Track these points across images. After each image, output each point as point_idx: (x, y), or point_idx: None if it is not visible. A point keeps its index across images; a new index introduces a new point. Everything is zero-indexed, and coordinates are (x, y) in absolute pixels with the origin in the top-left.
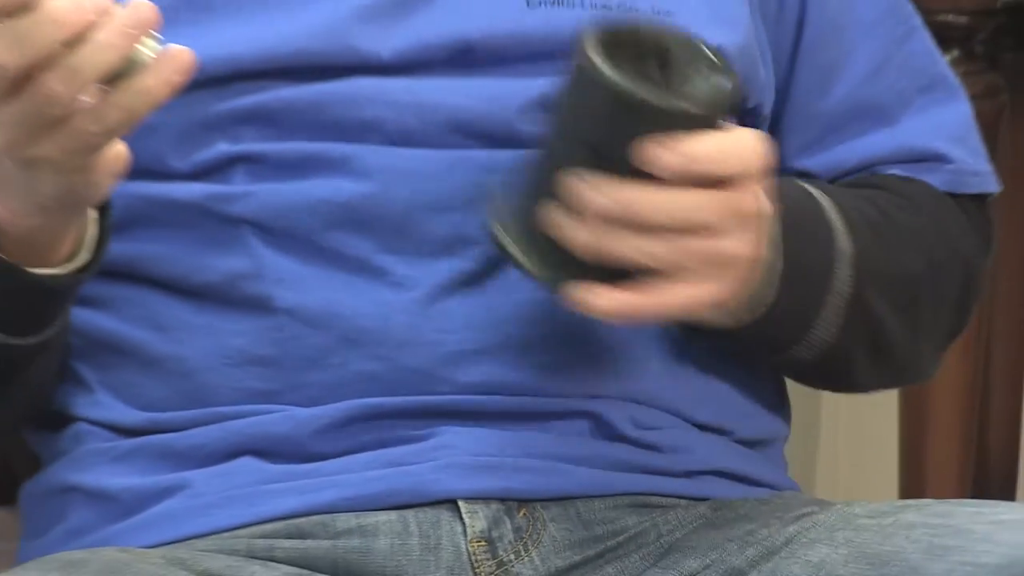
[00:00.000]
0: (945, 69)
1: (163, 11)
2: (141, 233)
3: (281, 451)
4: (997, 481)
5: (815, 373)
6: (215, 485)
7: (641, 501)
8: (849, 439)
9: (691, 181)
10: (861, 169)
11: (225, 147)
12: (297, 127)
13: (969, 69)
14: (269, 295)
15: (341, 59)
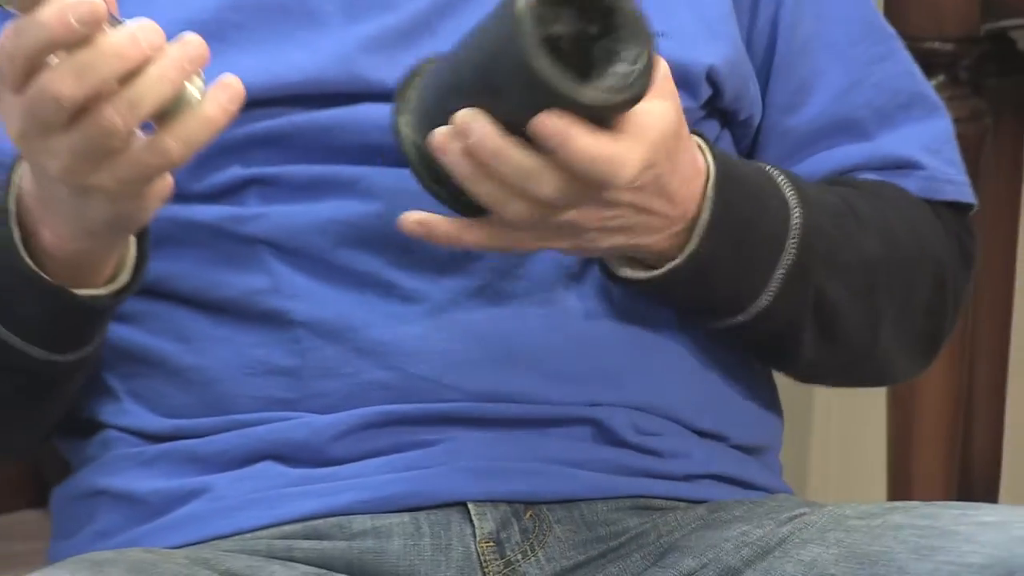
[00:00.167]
0: (926, 89)
1: None
2: (165, 252)
3: (299, 456)
4: (981, 484)
5: (759, 344)
6: (237, 488)
7: (642, 503)
8: (840, 444)
9: (560, 164)
10: (834, 175)
11: (239, 170)
12: (307, 151)
13: (954, 94)
14: (286, 309)
15: (349, 87)
